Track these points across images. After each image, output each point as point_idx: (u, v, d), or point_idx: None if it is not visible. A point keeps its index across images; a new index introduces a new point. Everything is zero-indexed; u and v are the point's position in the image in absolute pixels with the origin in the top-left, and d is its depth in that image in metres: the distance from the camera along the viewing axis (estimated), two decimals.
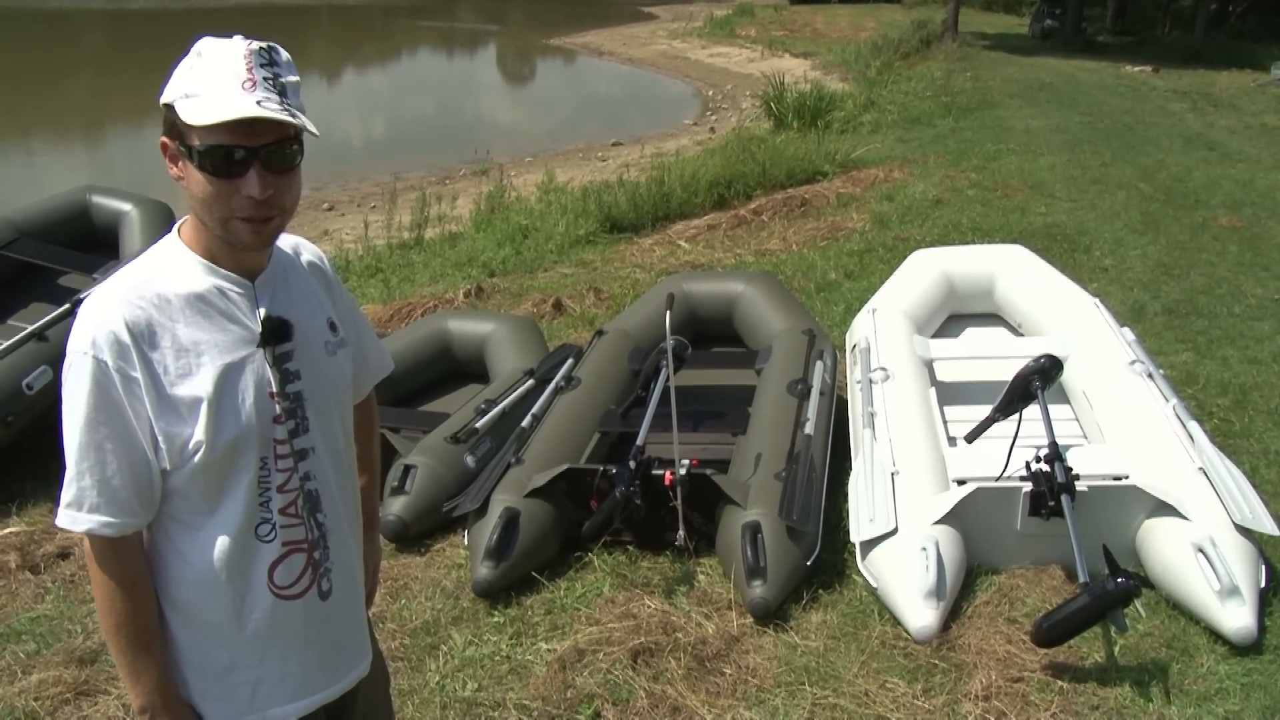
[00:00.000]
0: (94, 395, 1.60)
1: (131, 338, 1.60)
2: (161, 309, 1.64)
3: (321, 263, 1.95)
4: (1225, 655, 3.45)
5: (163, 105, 1.62)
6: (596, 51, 35.76)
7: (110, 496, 1.64)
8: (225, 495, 1.70)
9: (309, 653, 1.84)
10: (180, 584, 1.74)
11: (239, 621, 1.75)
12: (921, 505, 3.90)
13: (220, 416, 1.66)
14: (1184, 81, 21.53)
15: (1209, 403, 5.48)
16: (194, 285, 1.67)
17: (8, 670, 3.64)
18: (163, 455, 1.65)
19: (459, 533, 4.37)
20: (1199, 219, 9.56)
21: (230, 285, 1.70)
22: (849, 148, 13.31)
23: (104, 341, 1.59)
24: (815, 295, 7.69)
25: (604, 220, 10.24)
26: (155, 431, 1.63)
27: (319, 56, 35.69)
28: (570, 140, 19.20)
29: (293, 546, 1.77)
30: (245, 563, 1.73)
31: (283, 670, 1.81)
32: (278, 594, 1.77)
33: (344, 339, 1.88)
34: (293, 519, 1.77)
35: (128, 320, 1.61)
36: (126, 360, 1.60)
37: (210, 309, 1.68)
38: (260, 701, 1.80)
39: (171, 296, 1.65)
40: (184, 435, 1.64)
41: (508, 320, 5.95)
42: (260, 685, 1.80)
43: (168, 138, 1.63)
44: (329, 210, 13.75)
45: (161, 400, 1.63)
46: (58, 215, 6.10)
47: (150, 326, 1.62)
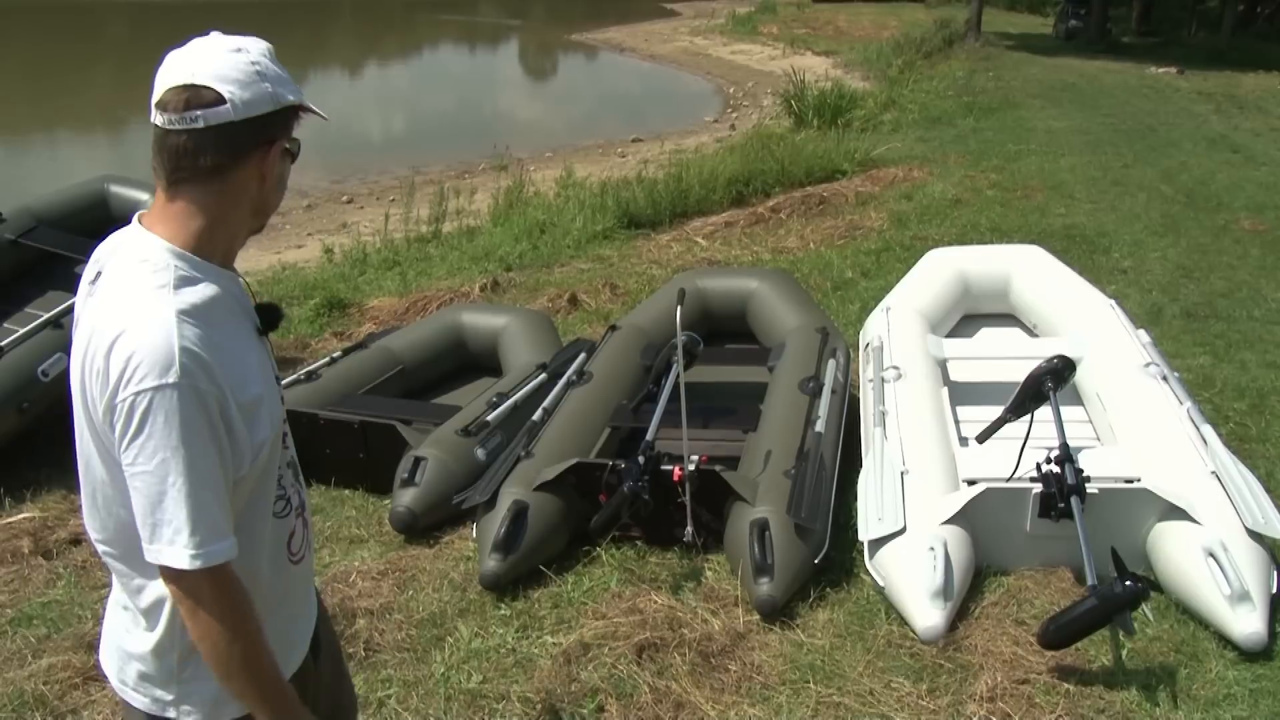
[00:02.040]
0: (196, 424, 1.56)
1: (210, 355, 1.58)
2: (207, 320, 1.62)
3: None
4: (1234, 661, 3.43)
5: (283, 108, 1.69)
6: (618, 47, 35.73)
7: (229, 520, 1.62)
8: (259, 487, 1.74)
9: (306, 603, 1.99)
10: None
11: (268, 599, 1.79)
12: (931, 505, 3.88)
13: (270, 409, 1.71)
14: (1209, 83, 21.39)
15: (1225, 406, 5.45)
16: (212, 290, 1.67)
17: (18, 654, 3.67)
18: (240, 463, 1.65)
19: (468, 525, 4.38)
20: (1220, 222, 9.50)
21: (231, 282, 1.73)
22: (869, 146, 13.27)
23: (194, 366, 1.56)
24: (831, 294, 7.68)
25: (622, 216, 10.23)
26: (239, 442, 1.63)
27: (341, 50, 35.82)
28: (590, 136, 19.19)
29: (299, 514, 1.88)
30: (274, 543, 1.81)
31: (296, 626, 1.94)
32: (293, 561, 1.87)
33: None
34: (295, 487, 1.87)
35: (200, 339, 1.58)
36: (212, 380, 1.58)
37: (229, 309, 1.70)
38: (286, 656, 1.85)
39: (204, 305, 1.64)
40: (256, 436, 1.67)
41: (521, 314, 5.96)
42: (282, 648, 1.82)
43: (282, 138, 1.71)
44: (348, 203, 13.78)
45: (241, 409, 1.63)
46: (76, 204, 6.15)
47: (209, 340, 1.60)
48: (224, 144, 1.63)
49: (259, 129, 1.66)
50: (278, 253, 10.83)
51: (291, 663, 1.90)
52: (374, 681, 3.46)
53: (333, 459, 4.79)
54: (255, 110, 1.64)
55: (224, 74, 1.63)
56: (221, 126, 1.62)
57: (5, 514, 4.66)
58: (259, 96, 1.64)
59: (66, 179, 6.62)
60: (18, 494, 4.80)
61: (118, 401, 1.56)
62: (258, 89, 1.64)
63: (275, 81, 1.67)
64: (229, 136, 1.63)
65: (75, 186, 6.32)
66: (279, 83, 1.68)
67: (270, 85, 1.66)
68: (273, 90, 1.66)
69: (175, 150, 1.63)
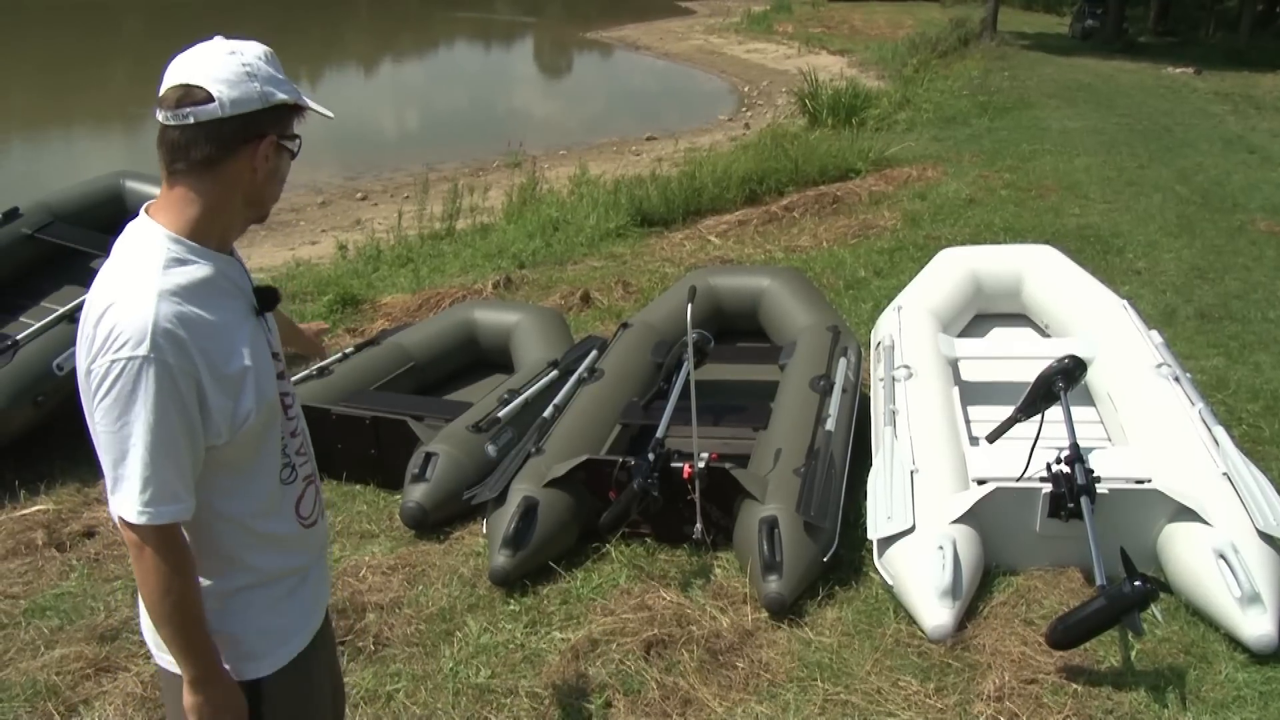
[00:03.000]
0: (162, 396, 1.71)
1: (186, 332, 1.73)
2: (192, 300, 1.77)
3: None
4: (1244, 663, 3.42)
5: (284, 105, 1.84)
6: (633, 45, 35.70)
7: (184, 485, 1.77)
8: (260, 453, 1.91)
9: (321, 566, 2.13)
10: (228, 542, 1.90)
11: (281, 559, 1.98)
12: (940, 504, 3.88)
13: (259, 384, 1.85)
14: (1226, 83, 21.27)
15: (1239, 408, 5.43)
16: (204, 272, 1.82)
17: (31, 645, 3.70)
18: (217, 432, 1.79)
19: (478, 521, 4.40)
20: (1236, 223, 9.45)
21: (227, 266, 1.88)
22: (883, 146, 13.24)
23: (165, 341, 1.70)
24: (844, 292, 7.67)
25: (635, 214, 10.24)
26: (212, 413, 1.78)
27: (356, 47, 35.89)
28: (604, 134, 19.20)
29: (309, 480, 2.05)
30: (281, 505, 1.97)
31: (311, 588, 2.07)
32: (304, 525, 2.03)
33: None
34: (303, 457, 2.04)
35: (179, 315, 1.73)
36: (185, 356, 1.72)
37: (222, 290, 1.85)
38: (302, 620, 2.05)
39: (192, 285, 1.79)
40: (235, 408, 1.81)
41: (533, 311, 5.97)
42: (301, 607, 2.04)
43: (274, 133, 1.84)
44: (362, 200, 13.83)
45: (216, 383, 1.77)
46: (91, 199, 6.19)
47: (192, 318, 1.75)
48: (214, 138, 1.78)
49: (247, 125, 1.80)
50: (292, 249, 10.88)
51: (312, 624, 2.08)
52: (383, 675, 3.48)
53: (344, 454, 4.81)
54: (243, 108, 1.79)
55: (215, 74, 1.78)
56: (211, 122, 1.77)
57: (20, 506, 4.69)
58: (247, 95, 1.79)
59: (82, 174, 6.65)
60: (32, 486, 4.84)
61: (94, 366, 1.73)
62: (246, 88, 1.79)
63: (266, 81, 1.82)
64: (218, 131, 1.78)
65: (91, 182, 6.36)
66: (270, 82, 1.82)
67: (260, 85, 1.80)
68: (262, 89, 1.81)
69: (171, 144, 1.80)
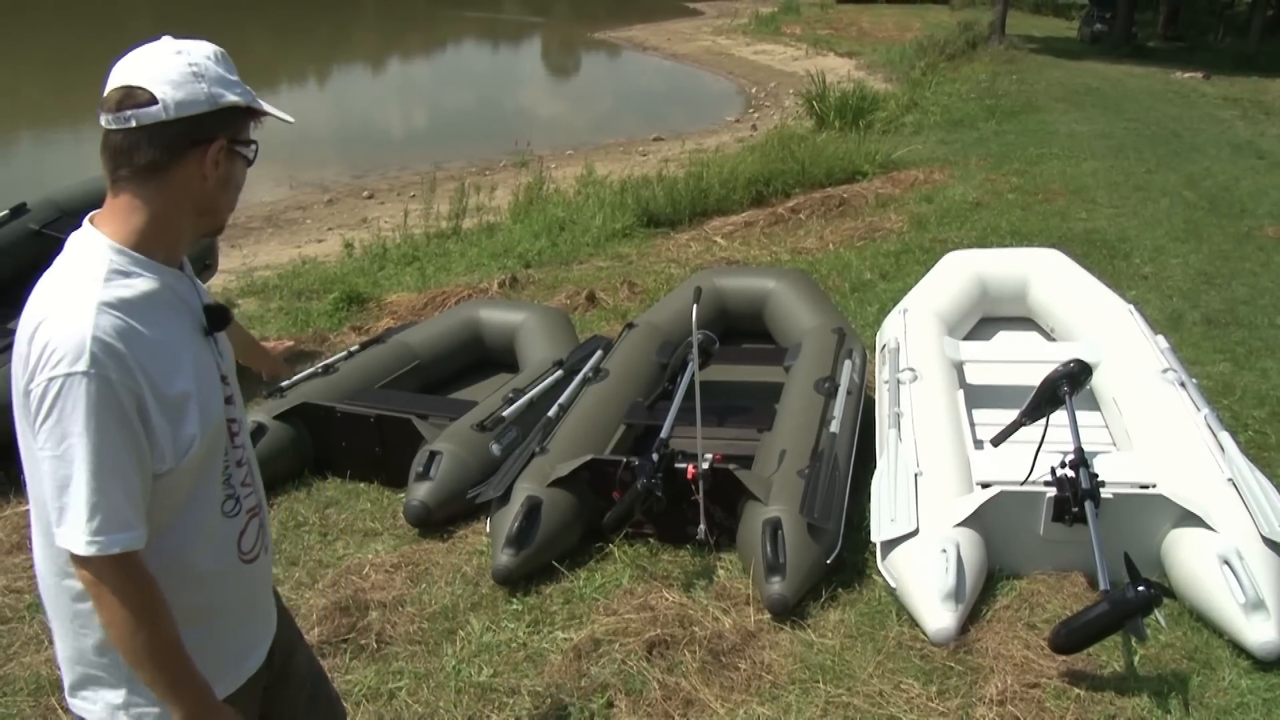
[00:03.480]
0: (103, 415, 1.58)
1: (126, 347, 1.61)
2: (132, 314, 1.64)
3: None
4: (1248, 669, 3.41)
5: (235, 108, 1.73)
6: (640, 46, 35.68)
7: (137, 511, 1.63)
8: (200, 484, 1.77)
9: (262, 604, 2.00)
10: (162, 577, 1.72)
11: (217, 596, 1.83)
12: (944, 507, 3.87)
13: (204, 406, 1.72)
14: (1235, 88, 21.21)
15: (1245, 414, 5.41)
16: (147, 286, 1.70)
17: (35, 639, 3.71)
18: (162, 457, 1.66)
19: (481, 520, 4.40)
20: (1244, 228, 9.43)
21: (174, 280, 1.77)
22: (890, 148, 13.23)
23: (104, 356, 1.58)
24: (850, 295, 7.67)
25: (641, 215, 10.25)
26: (157, 435, 1.65)
27: (364, 46, 35.92)
28: (611, 134, 19.19)
29: (252, 513, 1.90)
30: (221, 541, 1.83)
31: (250, 627, 1.95)
32: (245, 560, 1.88)
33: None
34: (248, 488, 1.90)
35: (118, 330, 1.61)
36: (127, 370, 1.60)
37: (166, 306, 1.73)
38: (235, 661, 1.91)
39: (134, 300, 1.67)
40: (180, 433, 1.68)
41: (539, 311, 5.97)
42: (236, 647, 1.91)
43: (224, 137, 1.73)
44: (369, 198, 13.84)
45: (159, 404, 1.65)
46: (98, 195, 6.12)
47: (133, 334, 1.63)
48: (158, 142, 1.67)
49: (193, 128, 1.69)
50: (298, 246, 10.89)
51: (244, 669, 1.93)
52: (385, 673, 3.49)
53: (348, 452, 4.82)
54: (189, 110, 1.68)
55: (159, 75, 1.67)
56: (154, 126, 1.66)
57: (24, 502, 4.70)
58: (193, 97, 1.68)
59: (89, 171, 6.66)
60: None
61: (32, 386, 1.60)
62: (192, 89, 1.68)
63: (214, 82, 1.71)
64: (162, 135, 1.67)
65: (98, 178, 6.31)
66: (218, 83, 1.71)
67: (207, 86, 1.70)
68: (209, 91, 1.70)
69: (114, 149, 1.68)
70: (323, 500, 4.71)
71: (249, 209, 13.15)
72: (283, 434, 4.77)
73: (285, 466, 4.79)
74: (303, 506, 4.64)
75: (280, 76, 25.99)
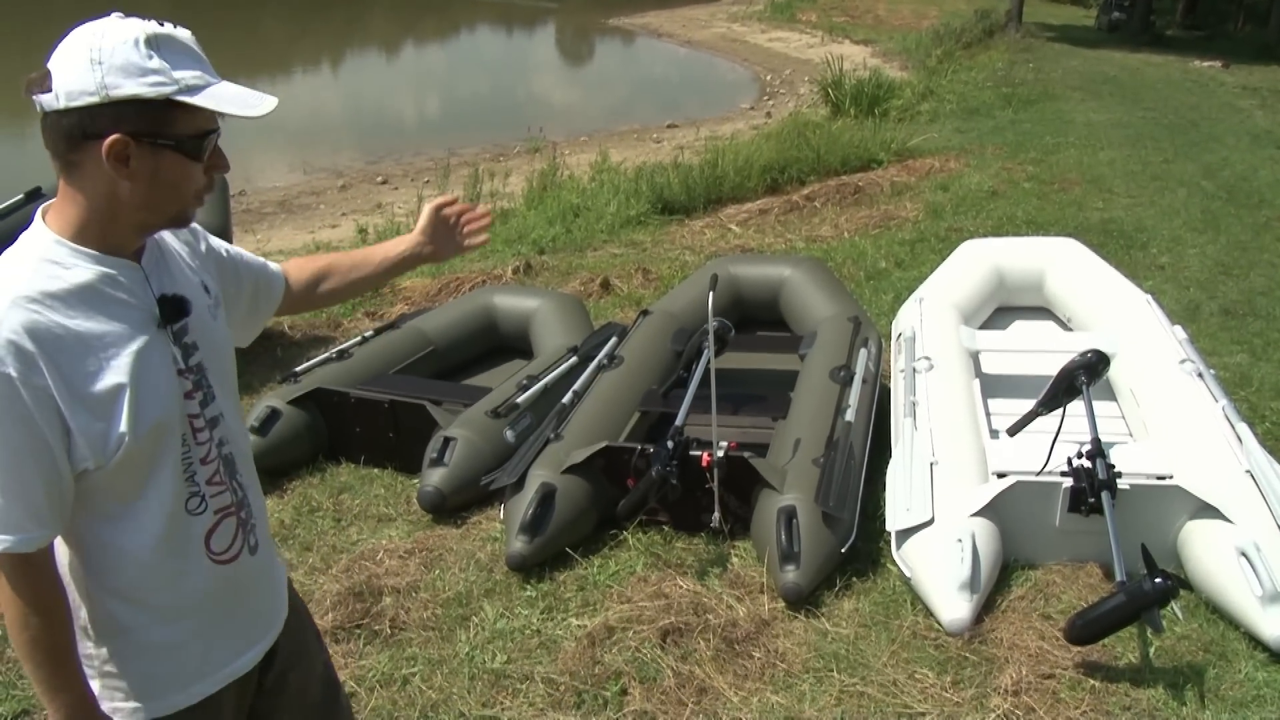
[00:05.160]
0: (3, 413, 1.52)
1: (35, 344, 1.52)
2: (54, 308, 1.56)
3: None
4: (1264, 662, 3.39)
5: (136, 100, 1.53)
6: (655, 33, 35.55)
7: (31, 511, 1.56)
8: (151, 479, 1.68)
9: (248, 607, 1.89)
10: (117, 573, 1.70)
11: (184, 596, 1.77)
12: (960, 496, 3.86)
13: (140, 405, 1.62)
14: (1255, 77, 21.05)
15: (1262, 406, 5.38)
16: (81, 277, 1.60)
17: None
18: (83, 455, 1.59)
19: (495, 506, 4.40)
20: (1262, 219, 9.36)
21: (118, 271, 1.65)
22: (905, 136, 13.17)
23: (6, 353, 1.50)
24: (865, 283, 7.64)
25: (655, 201, 10.22)
26: (73, 433, 1.57)
27: (378, 31, 35.89)
28: (625, 121, 19.14)
29: (223, 513, 1.80)
30: (181, 539, 1.74)
31: (228, 630, 1.85)
32: (216, 560, 1.79)
33: (218, 298, 1.87)
34: (219, 486, 1.79)
35: (27, 326, 1.52)
36: (33, 369, 1.52)
37: (104, 299, 1.62)
38: (211, 665, 1.83)
39: (61, 293, 1.57)
40: (105, 430, 1.60)
41: (553, 297, 5.97)
42: (210, 650, 1.83)
43: (130, 134, 1.54)
44: (383, 184, 13.84)
45: (77, 401, 1.56)
46: None
47: (50, 329, 1.54)
48: (58, 132, 1.55)
49: (85, 120, 1.53)
50: (312, 232, 10.90)
51: (225, 672, 1.86)
52: (399, 659, 3.49)
53: (362, 437, 4.82)
54: (77, 100, 1.51)
55: (63, 59, 1.53)
56: (53, 114, 1.54)
57: None
58: (82, 86, 1.51)
59: None
60: None
61: None
62: (82, 78, 1.51)
63: (114, 71, 1.51)
64: (59, 125, 1.54)
65: None
66: (121, 73, 1.51)
67: (101, 75, 1.51)
68: (102, 80, 1.50)
69: (41, 133, 1.58)
70: (336, 486, 4.71)
71: (262, 194, 13.17)
72: (297, 419, 4.77)
73: (299, 452, 4.80)
74: (316, 492, 4.65)
75: (295, 62, 26.00)
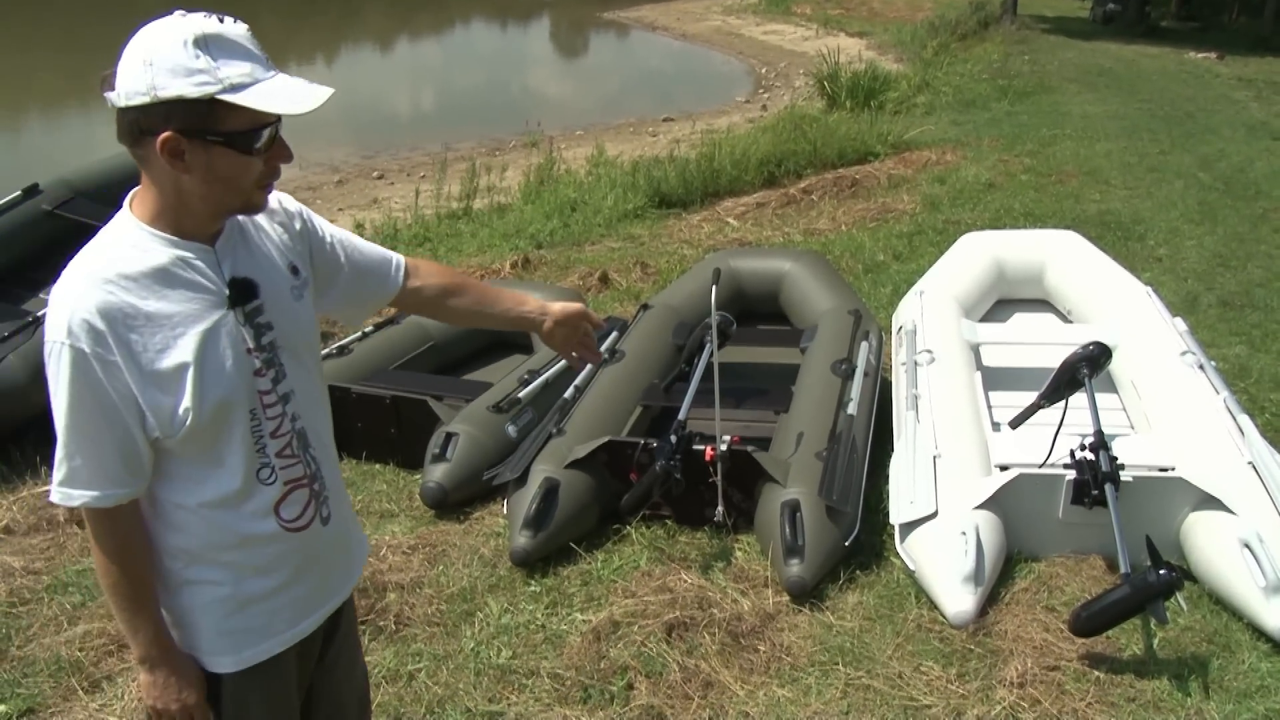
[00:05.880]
0: (76, 382, 1.67)
1: (106, 322, 1.66)
2: (128, 289, 1.68)
3: (280, 205, 1.99)
4: (1268, 653, 3.40)
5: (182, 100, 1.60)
6: (650, 26, 35.47)
7: (101, 472, 1.72)
8: (222, 449, 1.80)
9: (319, 573, 2.01)
10: (192, 534, 1.84)
11: (252, 559, 1.88)
12: (963, 489, 3.87)
13: (204, 382, 1.73)
14: (1250, 69, 21.02)
15: (1261, 397, 5.39)
16: (156, 260, 1.72)
17: (54, 620, 3.72)
18: (152, 425, 1.72)
19: (498, 501, 4.40)
20: (1259, 210, 9.36)
21: (192, 254, 1.75)
22: (902, 129, 13.14)
23: (80, 329, 1.65)
24: (863, 276, 7.64)
25: (652, 195, 10.21)
26: (142, 406, 1.70)
27: (374, 25, 35.80)
28: (621, 114, 19.08)
29: (294, 484, 1.91)
30: (251, 505, 1.85)
31: (295, 595, 1.97)
32: (287, 527, 1.91)
33: (306, 279, 1.97)
34: (290, 459, 1.90)
35: (99, 305, 1.66)
36: (103, 345, 1.66)
37: (176, 280, 1.73)
38: (278, 625, 1.95)
39: (136, 274, 1.70)
40: (171, 405, 1.72)
41: (552, 292, 5.95)
42: (278, 611, 1.94)
43: (180, 132, 1.62)
44: (379, 179, 13.81)
45: (145, 377, 1.69)
46: (111, 176, 6.18)
47: (121, 308, 1.67)
48: (123, 128, 1.66)
49: (140, 118, 1.63)
50: None
51: (292, 632, 1.98)
52: (404, 655, 3.49)
53: (364, 433, 4.82)
54: (133, 100, 1.61)
55: (125, 59, 1.63)
56: (118, 111, 1.65)
57: (41, 483, 4.71)
58: (135, 87, 1.61)
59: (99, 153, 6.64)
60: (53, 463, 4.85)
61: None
62: (136, 78, 1.61)
63: (163, 72, 1.59)
64: (122, 121, 1.65)
65: (112, 158, 6.35)
66: (169, 73, 1.59)
67: (151, 76, 1.59)
68: (152, 81, 1.59)
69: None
70: None
71: None
72: None
73: None
74: None
75: (289, 56, 25.88)
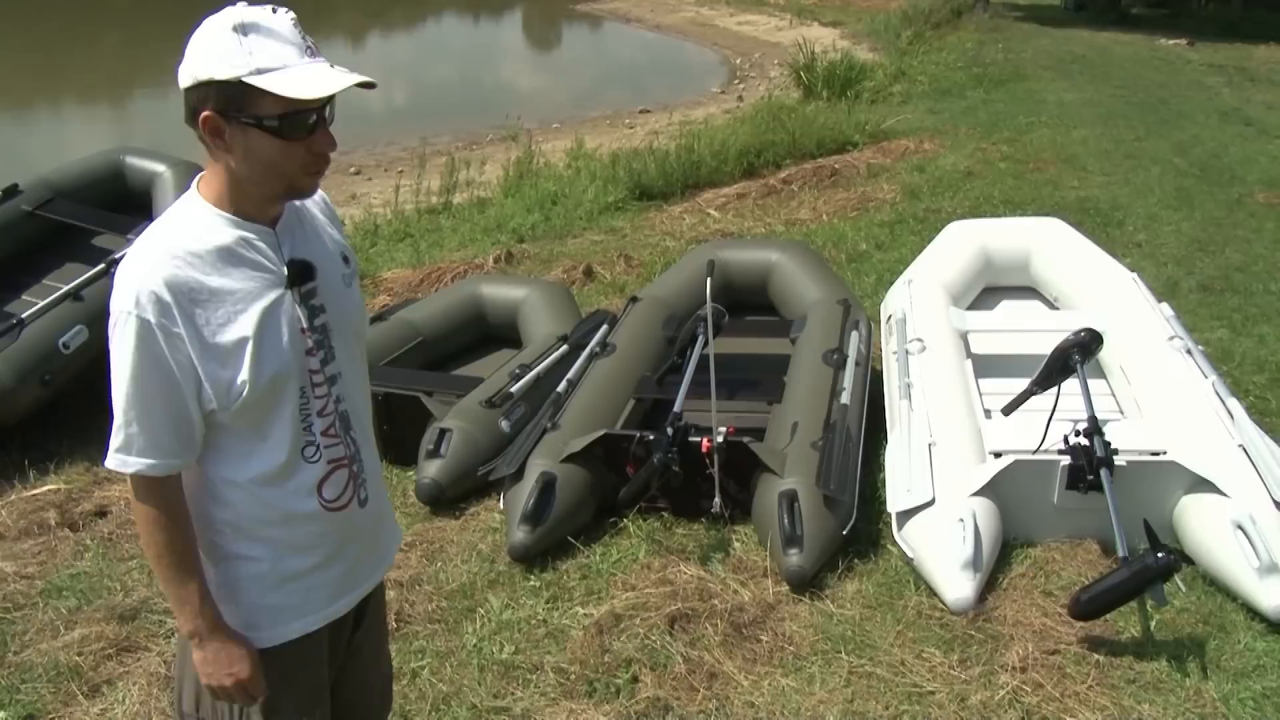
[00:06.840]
0: (139, 351, 1.73)
1: (172, 295, 1.72)
2: (194, 265, 1.76)
3: (325, 201, 2.10)
4: (1263, 632, 3.45)
5: (214, 81, 1.70)
6: (624, 18, 35.40)
7: (155, 441, 1.78)
8: (272, 425, 1.86)
9: (353, 554, 2.04)
10: (236, 508, 1.89)
11: (293, 535, 1.93)
12: (959, 477, 3.89)
13: (262, 357, 1.80)
14: (1220, 55, 21.18)
15: (1245, 380, 5.44)
16: (221, 239, 1.79)
17: (50, 625, 3.69)
18: (209, 397, 1.78)
19: (494, 496, 4.39)
20: (1235, 195, 9.44)
21: (254, 235, 1.83)
22: (879, 118, 13.17)
23: (147, 301, 1.71)
24: (846, 266, 7.65)
25: (633, 187, 10.19)
26: (201, 377, 1.77)
27: (346, 20, 35.56)
28: (597, 107, 19.04)
29: (336, 464, 1.95)
30: (295, 482, 1.91)
31: (332, 575, 2.01)
32: (327, 507, 1.95)
33: (355, 269, 2.07)
34: (333, 439, 1.95)
35: (167, 279, 1.72)
36: (169, 317, 1.72)
37: (239, 259, 1.81)
38: (315, 603, 2.00)
39: (202, 252, 1.77)
40: (229, 377, 1.78)
41: (540, 285, 5.95)
42: (314, 589, 1.99)
43: (217, 112, 1.72)
44: (356, 175, 13.73)
45: (206, 349, 1.76)
46: (92, 176, 6.13)
47: (187, 283, 1.74)
48: (186, 110, 1.76)
49: (191, 100, 1.74)
50: None
51: (327, 611, 2.02)
52: (406, 652, 3.49)
53: None
54: (186, 82, 1.73)
55: (188, 45, 1.73)
56: (183, 93, 1.75)
57: (30, 486, 4.67)
58: (188, 70, 1.72)
59: (73, 152, 6.59)
60: (41, 466, 4.82)
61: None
62: (191, 62, 1.72)
63: (208, 56, 1.70)
64: (184, 103, 1.75)
65: (91, 158, 6.29)
66: (211, 57, 1.70)
67: (200, 60, 1.71)
68: (199, 64, 1.71)
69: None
70: None
71: None
72: None
73: None
74: None
75: None
